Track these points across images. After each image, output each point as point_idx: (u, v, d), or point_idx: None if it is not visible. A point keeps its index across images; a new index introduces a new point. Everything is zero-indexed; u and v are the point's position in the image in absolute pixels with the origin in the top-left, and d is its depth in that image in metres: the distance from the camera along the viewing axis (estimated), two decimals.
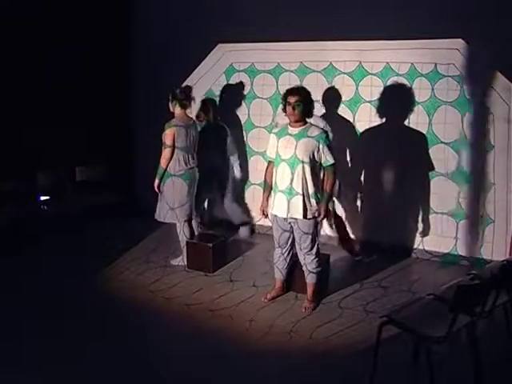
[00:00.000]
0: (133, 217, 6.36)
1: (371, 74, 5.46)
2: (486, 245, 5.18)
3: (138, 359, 3.71)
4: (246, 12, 5.77)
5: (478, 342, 3.28)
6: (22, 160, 5.78)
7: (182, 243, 5.23)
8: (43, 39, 5.80)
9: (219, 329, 4.15)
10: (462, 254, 5.28)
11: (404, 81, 5.32)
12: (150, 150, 5.34)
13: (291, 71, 5.83)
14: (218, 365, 3.65)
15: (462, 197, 5.23)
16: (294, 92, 4.15)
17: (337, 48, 5.52)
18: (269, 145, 4.35)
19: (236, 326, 4.18)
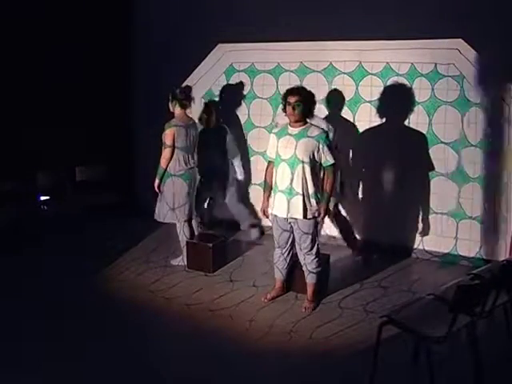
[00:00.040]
0: (133, 217, 6.36)
1: (371, 74, 5.46)
2: (485, 245, 5.19)
3: (138, 359, 3.71)
4: (246, 12, 5.77)
5: (477, 341, 3.28)
6: (22, 160, 5.78)
7: (182, 243, 5.23)
8: (43, 39, 5.80)
9: (219, 329, 4.15)
10: (462, 254, 5.28)
11: (404, 81, 5.32)
12: (150, 150, 5.33)
13: (291, 71, 5.83)
14: (218, 365, 3.65)
15: (462, 197, 5.22)
16: (294, 92, 4.15)
17: (337, 48, 5.52)
18: (269, 145, 4.35)
19: (236, 326, 4.18)
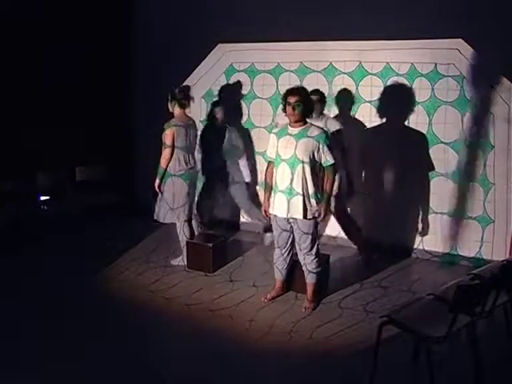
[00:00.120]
0: (133, 217, 6.37)
1: (371, 74, 5.46)
2: (485, 245, 5.19)
3: (138, 359, 3.71)
4: (246, 12, 5.77)
5: (477, 341, 3.28)
6: (22, 160, 5.78)
7: (182, 243, 5.23)
8: (43, 39, 5.80)
9: (219, 329, 4.15)
10: (462, 254, 5.28)
11: (404, 81, 5.32)
12: (150, 150, 5.33)
13: (291, 71, 5.83)
14: (218, 365, 3.65)
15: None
16: (294, 92, 4.14)
17: (337, 48, 5.52)
18: (269, 145, 4.34)
19: (236, 326, 4.18)
